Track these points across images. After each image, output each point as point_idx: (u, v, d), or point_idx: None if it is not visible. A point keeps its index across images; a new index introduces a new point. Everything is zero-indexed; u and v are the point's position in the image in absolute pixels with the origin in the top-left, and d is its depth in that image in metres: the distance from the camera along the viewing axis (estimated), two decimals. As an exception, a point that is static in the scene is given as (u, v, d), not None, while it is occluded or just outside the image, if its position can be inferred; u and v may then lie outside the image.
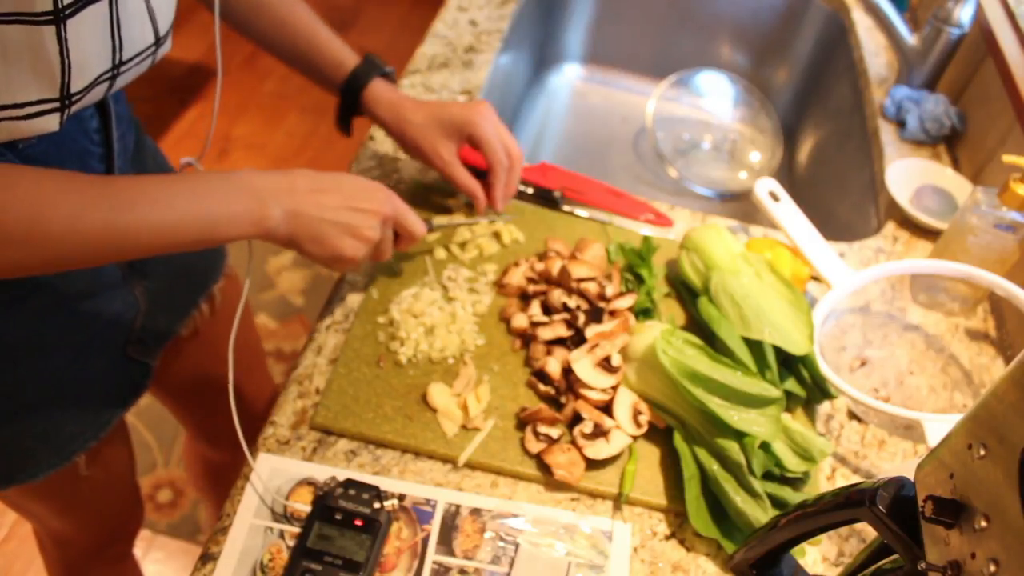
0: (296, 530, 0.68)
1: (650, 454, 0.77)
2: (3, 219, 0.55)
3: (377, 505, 0.68)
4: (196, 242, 0.66)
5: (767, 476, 0.73)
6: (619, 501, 0.73)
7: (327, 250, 0.73)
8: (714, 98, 1.44)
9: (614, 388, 0.78)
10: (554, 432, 0.75)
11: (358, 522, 0.67)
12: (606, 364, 0.78)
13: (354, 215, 0.73)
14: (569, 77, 1.57)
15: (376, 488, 0.68)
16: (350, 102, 0.88)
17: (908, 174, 1.09)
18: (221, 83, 0.80)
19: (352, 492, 0.68)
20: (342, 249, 0.73)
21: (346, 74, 0.87)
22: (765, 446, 0.72)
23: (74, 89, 0.59)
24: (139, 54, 0.65)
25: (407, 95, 0.90)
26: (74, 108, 0.61)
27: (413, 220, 0.80)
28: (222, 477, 1.28)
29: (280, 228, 0.70)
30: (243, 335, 0.94)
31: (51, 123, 0.60)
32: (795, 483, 0.74)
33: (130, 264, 0.80)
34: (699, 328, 0.86)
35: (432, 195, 0.97)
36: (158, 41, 0.67)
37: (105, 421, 0.84)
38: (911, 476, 0.43)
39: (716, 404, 0.72)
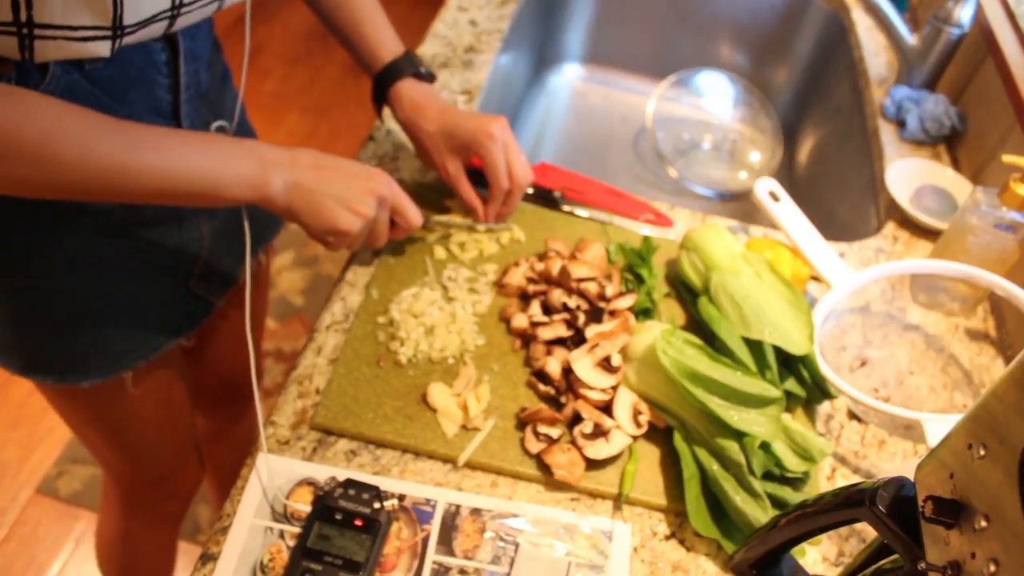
0: (296, 530, 0.68)
1: (650, 454, 0.77)
2: (18, 135, 0.59)
3: (377, 505, 0.68)
4: (197, 195, 0.68)
5: (767, 476, 0.73)
6: (619, 501, 0.73)
7: (322, 221, 0.76)
8: (714, 98, 1.44)
9: (614, 388, 0.78)
10: (554, 432, 0.75)
11: (358, 522, 0.67)
12: (606, 364, 0.78)
13: (351, 189, 0.76)
14: (569, 77, 1.57)
15: (376, 488, 0.68)
16: (379, 93, 0.91)
17: (908, 174, 1.09)
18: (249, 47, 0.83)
19: (352, 492, 0.68)
20: (336, 221, 0.76)
21: (381, 66, 0.90)
22: (765, 446, 0.72)
23: (127, 22, 0.62)
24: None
25: (432, 98, 0.91)
26: (127, 39, 0.64)
27: (410, 208, 0.83)
28: (214, 450, 1.29)
29: (279, 196, 0.73)
30: (258, 308, 1.01)
31: (103, 49, 0.63)
32: (795, 483, 0.74)
33: None
34: (699, 328, 0.86)
35: (431, 195, 0.97)
36: None
37: (156, 346, 0.87)
38: (911, 476, 0.43)
39: (716, 404, 0.72)
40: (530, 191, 1.00)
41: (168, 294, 0.87)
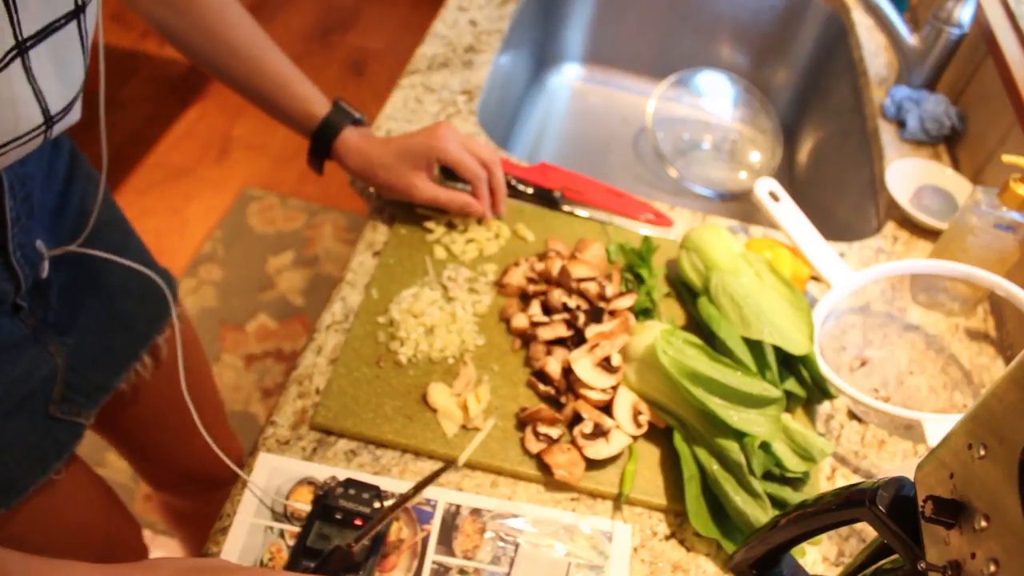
0: (296, 529, 0.68)
1: (650, 454, 0.77)
2: None
3: (377, 505, 0.68)
4: None
5: (767, 476, 0.73)
6: (619, 501, 0.73)
7: None
8: (714, 98, 1.44)
9: (614, 388, 0.78)
10: (554, 432, 0.75)
11: (358, 522, 0.67)
12: (606, 364, 0.78)
13: None
14: (569, 77, 1.57)
15: (376, 488, 0.68)
16: (321, 149, 0.89)
17: (908, 174, 1.09)
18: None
19: (352, 492, 0.68)
20: None
21: (317, 123, 0.88)
22: (765, 446, 0.72)
23: None
24: (18, 138, 0.58)
25: (372, 138, 0.90)
26: None
27: None
28: (192, 521, 1.23)
29: None
30: (196, 389, 0.87)
31: None
32: (795, 483, 0.74)
33: (42, 320, 0.75)
34: (699, 328, 0.86)
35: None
36: (50, 120, 0.59)
37: (22, 488, 0.75)
38: (911, 476, 0.43)
39: (716, 404, 0.72)
40: (530, 191, 1.00)
41: (26, 427, 0.75)
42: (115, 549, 0.96)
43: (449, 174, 0.95)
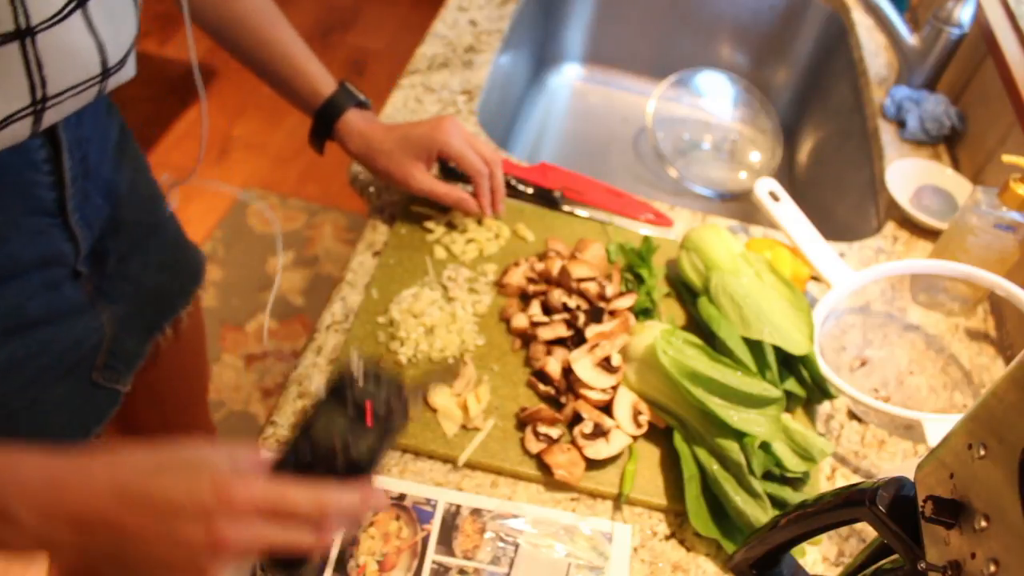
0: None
1: (650, 454, 0.77)
2: None
3: (394, 404, 0.59)
4: None
5: (767, 476, 0.73)
6: (619, 501, 0.73)
7: None
8: (714, 98, 1.44)
9: (614, 388, 0.78)
10: (554, 432, 0.75)
11: (369, 418, 0.58)
12: (606, 364, 0.78)
13: (175, 552, 0.47)
14: (569, 77, 1.57)
15: (399, 385, 0.60)
16: (323, 129, 0.89)
17: (908, 174, 1.09)
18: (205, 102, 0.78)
19: (372, 385, 0.59)
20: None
21: (321, 101, 0.87)
22: (765, 446, 0.72)
23: None
24: (75, 87, 0.60)
25: (376, 122, 0.90)
26: None
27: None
28: None
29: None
30: (199, 367, 0.91)
31: None
32: (795, 483, 0.74)
33: (98, 287, 0.77)
34: (699, 328, 0.86)
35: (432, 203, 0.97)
36: (106, 71, 0.61)
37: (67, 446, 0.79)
38: (911, 476, 0.43)
39: (716, 404, 0.72)
40: (530, 191, 1.00)
41: (70, 393, 0.77)
42: None
43: (449, 172, 0.95)
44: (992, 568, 0.34)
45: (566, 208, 1.00)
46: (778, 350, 0.80)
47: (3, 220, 0.64)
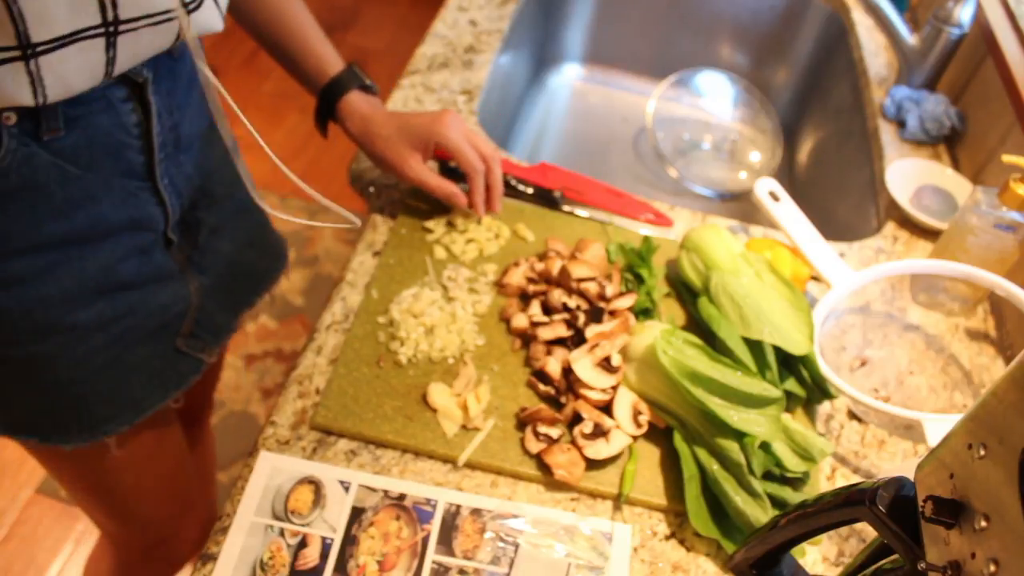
0: (296, 528, 0.68)
1: (650, 454, 0.77)
2: None
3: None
4: None
5: (767, 476, 0.73)
6: (619, 501, 0.73)
7: None
8: (714, 98, 1.44)
9: (614, 388, 0.78)
10: (554, 432, 0.75)
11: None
12: (606, 364, 0.78)
13: None
14: (569, 77, 1.57)
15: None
16: (326, 108, 0.89)
17: (908, 174, 1.09)
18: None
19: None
20: None
21: (327, 80, 0.88)
22: (765, 446, 0.72)
23: (36, 39, 0.54)
24: (150, 16, 0.60)
25: (380, 107, 0.90)
26: (44, 61, 0.56)
27: None
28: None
29: None
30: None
31: (19, 76, 0.55)
32: (795, 483, 0.74)
33: (188, 257, 0.82)
34: (699, 328, 0.86)
35: (430, 199, 0.97)
36: (185, 5, 0.63)
37: (142, 409, 0.83)
38: (911, 476, 0.43)
39: (716, 404, 0.72)
40: (530, 191, 1.00)
41: (154, 355, 0.81)
42: (186, 512, 1.06)
43: (448, 171, 0.95)
44: (992, 568, 0.34)
45: (566, 208, 1.00)
46: (778, 350, 0.80)
47: (96, 180, 0.67)
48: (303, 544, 0.68)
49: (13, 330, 0.71)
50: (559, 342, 0.82)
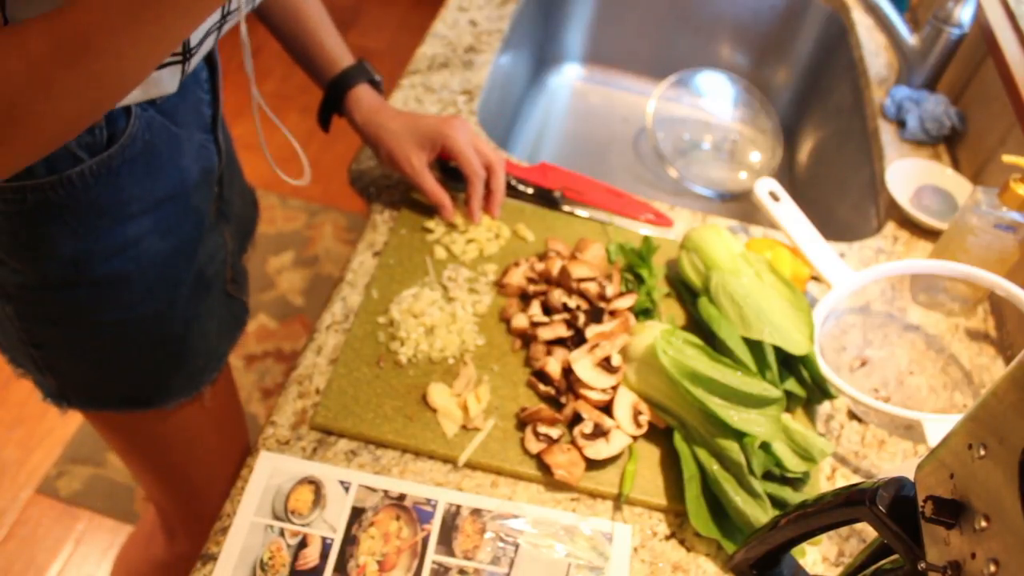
0: (296, 528, 0.68)
1: (650, 454, 0.77)
2: None
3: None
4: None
5: (767, 476, 0.73)
6: (619, 501, 0.73)
7: None
8: (714, 98, 1.44)
9: (614, 388, 0.78)
10: (554, 432, 0.75)
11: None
12: (606, 364, 0.78)
13: None
14: (569, 77, 1.57)
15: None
16: (333, 100, 0.91)
17: (908, 174, 1.09)
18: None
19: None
20: None
21: (336, 72, 0.90)
22: (765, 446, 0.72)
23: (194, 43, 0.64)
24: (238, 10, 0.67)
25: (388, 104, 0.92)
26: (193, 61, 0.66)
27: None
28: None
29: None
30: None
31: (172, 78, 0.65)
32: (795, 483, 0.74)
33: (219, 209, 0.86)
34: (699, 328, 0.86)
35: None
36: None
37: (223, 353, 0.90)
38: (911, 476, 0.43)
39: (716, 404, 0.72)
40: (530, 191, 1.00)
41: (217, 301, 0.88)
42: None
43: (450, 173, 0.95)
44: (992, 568, 0.34)
45: (566, 208, 1.00)
46: (778, 350, 0.80)
47: (184, 136, 0.73)
48: (303, 544, 0.68)
49: (130, 292, 0.76)
50: (559, 342, 0.82)
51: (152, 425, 0.90)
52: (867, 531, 0.73)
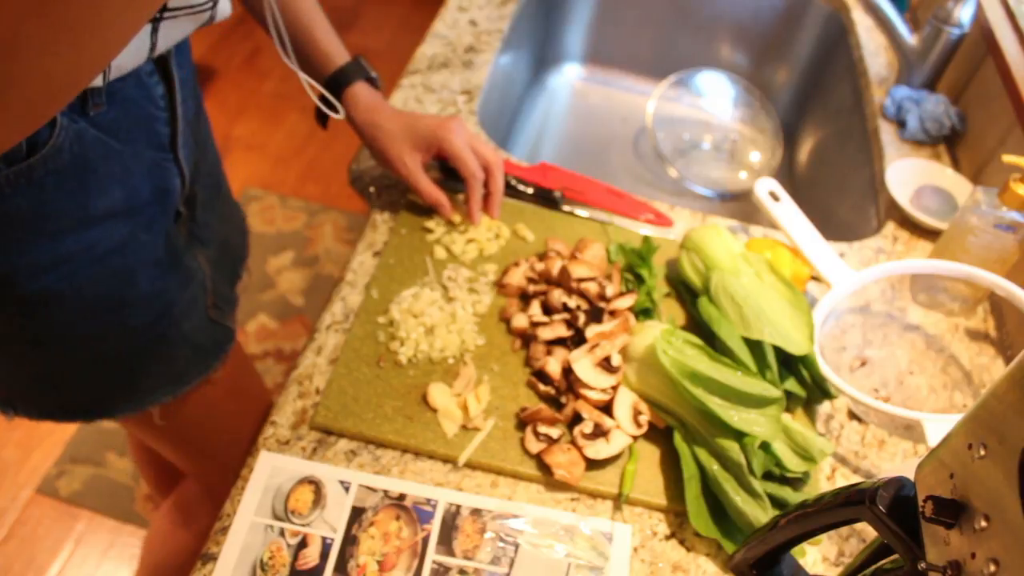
0: (297, 528, 0.68)
1: (650, 454, 0.77)
2: None
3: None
4: None
5: (767, 476, 0.73)
6: (619, 501, 0.73)
7: None
8: (714, 98, 1.44)
9: (614, 388, 0.78)
10: (554, 432, 0.75)
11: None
12: (606, 364, 0.78)
13: None
14: (569, 77, 1.57)
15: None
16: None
17: (908, 174, 1.09)
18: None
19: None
20: None
21: (333, 70, 0.89)
22: (765, 446, 0.72)
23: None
24: (191, 6, 0.65)
25: (386, 103, 0.91)
26: (117, 62, 0.62)
27: None
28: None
29: None
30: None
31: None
32: (795, 483, 0.74)
33: (190, 231, 0.84)
34: (699, 328, 0.86)
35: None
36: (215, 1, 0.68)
37: (186, 380, 0.86)
38: (911, 476, 0.43)
39: (716, 404, 0.72)
40: (530, 191, 1.00)
41: (194, 327, 0.85)
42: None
43: (449, 173, 0.95)
44: (992, 568, 0.34)
45: (566, 208, 1.00)
46: (778, 350, 0.80)
47: (130, 153, 0.69)
48: (303, 544, 0.68)
49: (64, 312, 0.73)
50: (559, 342, 0.82)
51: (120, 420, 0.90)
52: (867, 531, 0.73)
